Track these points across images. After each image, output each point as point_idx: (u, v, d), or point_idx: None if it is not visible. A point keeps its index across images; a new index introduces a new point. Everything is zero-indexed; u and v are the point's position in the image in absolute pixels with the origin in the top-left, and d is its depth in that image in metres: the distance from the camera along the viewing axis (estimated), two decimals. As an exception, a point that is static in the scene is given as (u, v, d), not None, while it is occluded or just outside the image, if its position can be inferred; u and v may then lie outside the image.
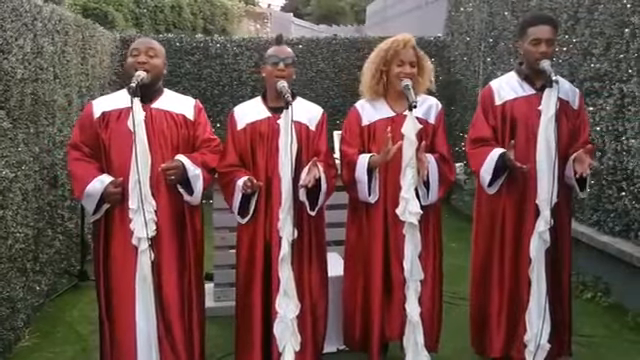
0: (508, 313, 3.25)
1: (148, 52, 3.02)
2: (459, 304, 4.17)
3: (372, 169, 3.07)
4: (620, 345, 3.87)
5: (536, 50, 3.10)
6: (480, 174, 3.16)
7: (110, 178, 2.94)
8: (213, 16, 14.98)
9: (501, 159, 3.08)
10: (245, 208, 3.05)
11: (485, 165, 3.12)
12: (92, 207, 2.97)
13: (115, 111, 3.02)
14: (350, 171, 3.12)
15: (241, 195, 3.00)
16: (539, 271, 3.11)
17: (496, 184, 3.15)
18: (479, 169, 3.16)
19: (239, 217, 3.08)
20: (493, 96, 3.25)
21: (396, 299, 3.15)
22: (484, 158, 3.13)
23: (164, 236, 3.00)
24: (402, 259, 3.11)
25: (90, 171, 2.99)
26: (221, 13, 15.74)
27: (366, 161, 3.06)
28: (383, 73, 3.18)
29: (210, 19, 14.74)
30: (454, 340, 3.61)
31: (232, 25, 16.90)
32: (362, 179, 3.06)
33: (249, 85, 8.24)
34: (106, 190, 2.91)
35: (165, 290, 3.01)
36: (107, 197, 2.93)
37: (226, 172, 3.10)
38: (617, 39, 4.52)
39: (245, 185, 2.95)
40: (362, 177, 3.06)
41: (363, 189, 3.09)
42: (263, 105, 3.17)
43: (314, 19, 29.90)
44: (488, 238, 3.31)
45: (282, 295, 3.03)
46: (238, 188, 3.00)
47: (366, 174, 3.05)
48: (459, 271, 4.24)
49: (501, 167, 3.09)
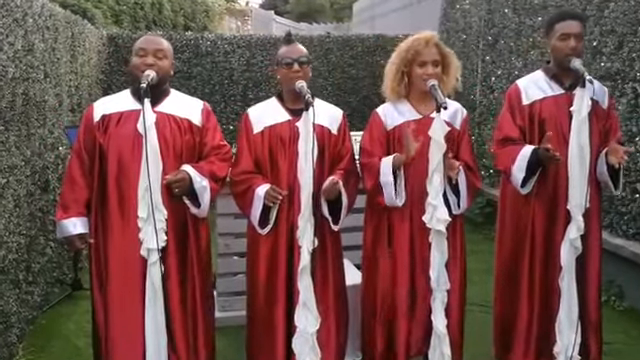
0: (539, 322, 3.11)
1: (156, 54, 2.80)
2: (471, 309, 4.02)
3: (396, 170, 2.89)
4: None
5: (565, 45, 2.97)
6: (512, 172, 3.00)
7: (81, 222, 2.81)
8: (194, 13, 14.73)
9: (535, 155, 2.92)
10: (266, 218, 2.85)
11: (517, 162, 2.96)
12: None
13: (116, 114, 2.81)
14: (373, 177, 2.93)
15: (262, 205, 2.81)
16: (570, 280, 2.98)
17: (530, 183, 3.00)
18: (510, 167, 3.00)
19: (259, 228, 2.88)
20: (520, 95, 3.11)
21: (420, 310, 2.99)
22: (515, 155, 2.97)
23: (169, 247, 2.80)
24: (427, 268, 2.94)
25: (77, 200, 2.83)
26: (202, 10, 15.47)
27: (390, 162, 2.89)
28: (404, 74, 3.00)
29: (191, 17, 14.48)
30: (471, 347, 3.46)
31: (213, 23, 16.64)
32: (388, 181, 2.87)
33: (240, 84, 8.05)
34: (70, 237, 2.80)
35: (171, 305, 2.80)
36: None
37: (242, 180, 2.90)
38: (630, 37, 4.41)
39: (269, 196, 2.76)
40: (387, 179, 2.87)
41: (390, 192, 2.89)
42: (281, 107, 2.98)
43: (293, 17, 29.66)
44: (515, 243, 3.17)
45: (302, 307, 2.85)
46: (258, 197, 2.81)
47: (391, 175, 2.87)
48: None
49: (535, 164, 2.94)
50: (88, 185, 2.81)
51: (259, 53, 8.06)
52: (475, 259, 3.33)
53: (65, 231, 2.79)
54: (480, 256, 4.63)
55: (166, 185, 2.71)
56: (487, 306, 3.85)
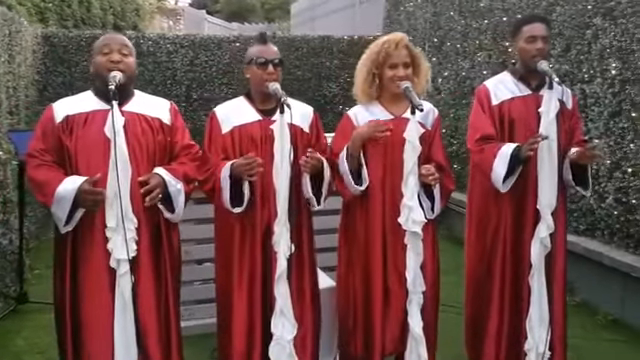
0: (509, 322, 3.15)
1: (122, 50, 2.67)
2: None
3: (351, 154, 2.87)
4: (599, 345, 3.91)
5: (532, 47, 3.02)
6: (493, 169, 3.01)
7: (82, 178, 2.56)
8: (124, 12, 14.28)
9: (516, 153, 2.94)
10: (238, 195, 2.73)
11: (499, 159, 2.97)
12: (65, 213, 2.56)
13: (80, 115, 2.66)
14: (336, 171, 2.92)
15: (229, 181, 2.69)
16: (540, 278, 3.03)
17: (509, 181, 3.02)
18: (491, 164, 3.01)
19: (231, 207, 2.74)
20: (489, 96, 3.14)
21: (394, 311, 2.97)
22: (496, 152, 2.99)
23: (142, 256, 2.67)
24: (400, 270, 2.94)
25: (57, 173, 2.61)
26: (132, 9, 15.04)
27: (344, 151, 2.87)
28: (375, 76, 2.98)
29: (121, 15, 14.03)
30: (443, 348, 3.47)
31: (144, 22, 16.22)
32: (344, 169, 2.86)
33: (184, 84, 7.86)
34: (80, 190, 2.52)
35: (143, 317, 2.67)
36: (82, 199, 2.53)
37: (206, 177, 2.81)
38: (578, 40, 4.57)
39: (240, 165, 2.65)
40: (343, 167, 2.86)
41: (348, 180, 2.87)
42: (251, 107, 2.90)
43: (224, 16, 29.31)
44: (485, 245, 3.19)
45: (278, 315, 2.79)
46: (224, 177, 2.70)
47: (345, 162, 2.86)
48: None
49: (516, 162, 2.97)
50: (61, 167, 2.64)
51: (203, 53, 7.89)
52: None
53: (68, 195, 2.51)
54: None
55: (143, 194, 2.58)
56: (457, 307, 3.89)
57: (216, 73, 7.94)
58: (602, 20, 4.33)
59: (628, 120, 4.13)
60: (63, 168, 2.64)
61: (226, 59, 7.95)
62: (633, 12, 4.04)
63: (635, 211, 4.08)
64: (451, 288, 3.39)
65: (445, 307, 3.35)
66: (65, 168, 2.64)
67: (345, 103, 8.02)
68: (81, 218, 2.60)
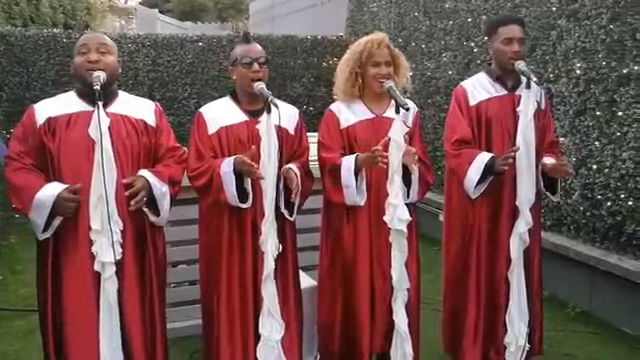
0: (485, 316, 3.23)
1: (99, 49, 2.63)
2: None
3: (358, 171, 2.88)
4: (569, 336, 4.03)
5: (509, 49, 3.08)
6: (467, 175, 3.08)
7: (62, 185, 2.51)
8: (74, 11, 13.93)
9: (491, 163, 3.02)
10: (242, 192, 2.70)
11: (474, 166, 3.04)
12: (43, 220, 2.50)
13: (63, 117, 2.61)
14: (333, 176, 2.91)
15: (234, 176, 2.65)
16: (519, 273, 3.12)
17: (481, 186, 3.09)
18: (465, 169, 3.08)
19: (240, 202, 2.70)
20: (467, 96, 3.20)
21: (379, 310, 3.01)
22: (471, 159, 3.06)
23: (126, 259, 2.62)
24: (384, 268, 2.97)
25: (36, 179, 2.55)
26: (83, 8, 14.68)
27: (352, 164, 2.86)
28: (358, 75, 3.01)
29: (71, 14, 13.69)
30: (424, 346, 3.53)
31: (95, 21, 15.87)
32: (349, 183, 2.86)
33: (146, 84, 7.72)
34: (60, 197, 2.47)
35: (128, 321, 2.63)
36: (61, 206, 2.48)
37: (202, 170, 2.75)
38: (543, 41, 4.70)
39: (240, 161, 2.61)
40: (349, 181, 2.86)
41: (351, 193, 2.89)
42: (237, 107, 2.88)
43: (175, 16, 28.91)
44: (462, 242, 3.26)
45: (266, 315, 2.79)
46: (226, 173, 2.65)
47: (353, 177, 2.85)
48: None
49: (489, 172, 3.04)
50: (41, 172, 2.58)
51: (165, 53, 7.77)
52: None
53: (47, 201, 2.45)
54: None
55: (127, 197, 2.53)
56: (432, 303, 3.95)
57: (179, 73, 7.82)
58: (567, 21, 4.46)
59: (593, 119, 4.27)
60: (44, 171, 2.58)
61: (189, 59, 7.85)
62: (597, 14, 4.18)
63: (600, 206, 4.22)
64: (425, 285, 3.42)
65: (422, 304, 3.39)
66: (46, 171, 2.58)
67: (309, 103, 8.04)
68: (63, 220, 2.54)
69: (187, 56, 7.84)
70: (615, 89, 4.08)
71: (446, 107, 5.90)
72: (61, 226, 2.55)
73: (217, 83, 7.93)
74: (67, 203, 2.47)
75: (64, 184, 2.52)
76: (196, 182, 2.78)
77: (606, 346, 3.93)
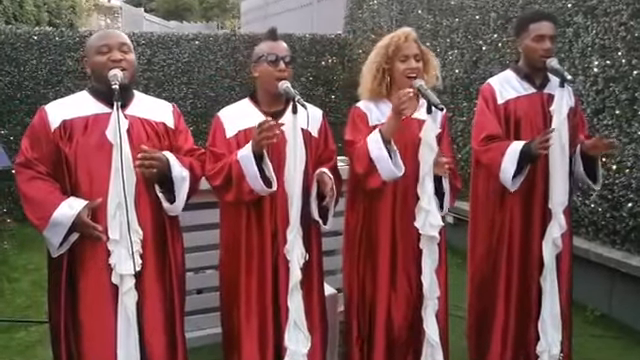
0: (515, 322, 3.11)
1: (122, 47, 2.46)
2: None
3: (388, 140, 2.67)
4: (589, 341, 3.94)
5: (540, 47, 2.97)
6: (502, 166, 2.94)
7: (80, 201, 2.34)
8: (59, 9, 13.67)
9: (526, 150, 2.88)
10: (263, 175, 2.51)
11: (508, 156, 2.90)
12: (59, 239, 2.35)
13: (79, 119, 2.43)
14: (363, 157, 2.68)
15: (253, 157, 2.47)
16: (552, 279, 3.00)
17: (520, 177, 2.95)
18: (499, 162, 2.94)
19: (266, 187, 2.51)
20: (495, 94, 3.08)
21: (402, 317, 2.87)
22: (503, 152, 2.92)
23: (147, 269, 2.46)
24: (410, 275, 2.84)
25: (53, 193, 2.37)
26: (68, 6, 14.41)
27: (377, 134, 2.67)
28: (386, 72, 2.85)
29: (56, 12, 13.43)
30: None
31: (80, 19, 15.60)
32: (381, 155, 2.63)
33: (141, 84, 7.47)
34: (79, 217, 2.31)
35: (149, 336, 2.46)
36: (80, 225, 2.32)
37: (219, 167, 2.57)
38: (559, 38, 4.57)
39: (257, 137, 2.43)
40: (380, 153, 2.63)
41: (386, 165, 2.64)
42: (256, 109, 2.72)
43: (159, 15, 28.68)
44: (491, 244, 3.14)
45: (292, 328, 2.64)
46: (245, 157, 2.47)
47: (384, 147, 2.63)
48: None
49: (525, 160, 2.90)
50: (55, 181, 2.41)
51: (161, 51, 7.57)
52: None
53: (66, 221, 2.30)
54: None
55: (138, 165, 2.35)
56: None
57: (175, 72, 7.63)
58: (583, 18, 4.35)
59: (612, 117, 4.17)
60: (59, 178, 2.41)
61: (185, 58, 7.66)
62: (616, 10, 4.08)
63: (621, 207, 4.12)
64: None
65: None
66: (62, 178, 2.41)
67: (308, 102, 7.87)
68: None
69: (183, 55, 7.66)
70: (636, 87, 3.98)
71: (452, 107, 5.81)
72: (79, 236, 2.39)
73: (214, 83, 7.76)
74: (86, 229, 2.31)
75: (81, 193, 2.37)
76: (215, 180, 2.60)
77: (629, 351, 3.84)
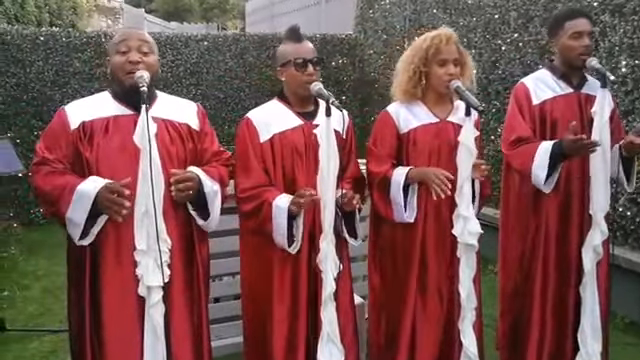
0: (553, 329, 2.99)
1: (141, 48, 2.33)
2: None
3: (408, 185, 2.64)
4: (622, 350, 3.80)
5: (579, 44, 2.85)
6: (532, 171, 2.82)
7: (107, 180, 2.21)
8: (60, 10, 13.59)
9: (557, 149, 2.75)
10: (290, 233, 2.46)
11: (538, 158, 2.78)
12: (83, 217, 2.19)
13: (99, 121, 2.31)
14: (382, 190, 2.67)
15: (287, 216, 2.41)
16: (592, 287, 2.88)
17: (552, 179, 2.83)
18: (529, 166, 2.82)
19: (287, 246, 2.46)
20: (530, 95, 2.95)
21: (432, 330, 2.76)
22: (534, 152, 2.79)
23: (175, 281, 2.34)
24: (445, 285, 2.73)
25: (74, 176, 2.26)
26: (69, 7, 14.34)
27: (402, 178, 2.61)
28: (422, 74, 2.73)
29: (57, 13, 13.34)
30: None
31: (82, 20, 15.50)
32: (397, 200, 2.62)
33: (148, 85, 7.38)
34: (107, 187, 2.17)
35: (177, 352, 2.33)
36: (105, 199, 2.16)
37: (252, 194, 2.49)
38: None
39: (295, 202, 2.38)
40: (397, 197, 2.62)
41: (400, 211, 2.65)
42: (289, 110, 2.60)
43: (160, 16, 28.60)
44: (523, 249, 3.02)
45: (326, 341, 2.51)
46: (279, 209, 2.41)
47: (401, 193, 2.61)
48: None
49: (556, 159, 2.77)
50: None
51: (169, 52, 7.46)
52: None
53: (90, 192, 2.17)
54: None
55: (174, 193, 2.26)
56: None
57: (183, 73, 7.52)
58: (611, 17, 4.23)
59: (643, 119, 4.04)
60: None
61: (194, 58, 7.55)
62: (646, 9, 3.96)
63: (651, 211, 3.99)
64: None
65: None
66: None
67: (319, 103, 7.77)
68: (103, 234, 2.25)
69: (192, 56, 7.54)
70: (668, 87, 3.86)
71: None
72: (99, 240, 2.26)
73: (223, 84, 7.64)
74: (112, 196, 2.15)
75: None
76: (244, 205, 2.53)
77: (662, 359, 3.72)
